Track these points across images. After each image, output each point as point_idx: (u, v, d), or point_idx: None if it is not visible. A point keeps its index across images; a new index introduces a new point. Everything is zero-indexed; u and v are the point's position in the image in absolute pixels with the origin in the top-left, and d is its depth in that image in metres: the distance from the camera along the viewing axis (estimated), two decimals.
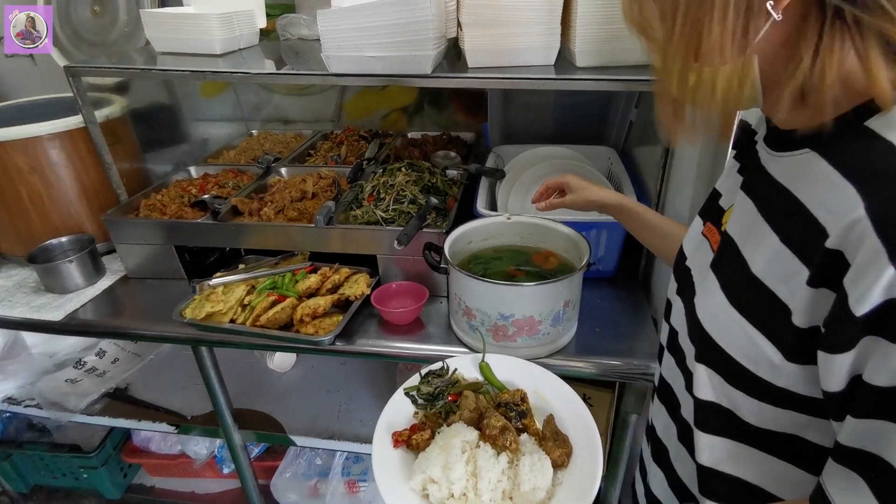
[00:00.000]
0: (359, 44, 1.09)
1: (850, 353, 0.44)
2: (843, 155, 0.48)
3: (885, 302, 0.41)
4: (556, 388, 0.87)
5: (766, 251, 0.53)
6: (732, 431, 0.59)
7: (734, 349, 0.55)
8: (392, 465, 0.76)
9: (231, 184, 1.52)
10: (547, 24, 1.13)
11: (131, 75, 1.23)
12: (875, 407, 0.44)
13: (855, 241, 0.43)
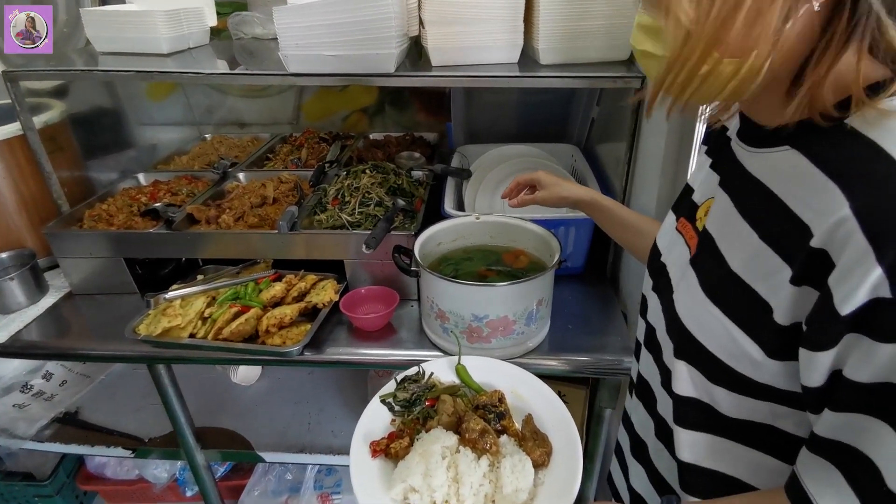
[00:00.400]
0: (318, 42, 1.05)
1: (833, 351, 0.45)
2: (825, 153, 0.48)
3: (870, 301, 0.41)
4: (532, 386, 0.86)
5: (744, 248, 0.53)
6: (711, 426, 0.59)
7: (714, 345, 0.55)
8: (371, 475, 0.74)
9: (185, 191, 1.44)
10: (510, 21, 1.12)
11: (74, 77, 1.14)
12: (856, 402, 0.45)
13: (841, 240, 0.43)
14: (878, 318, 0.41)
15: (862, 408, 0.44)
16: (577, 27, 1.09)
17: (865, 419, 0.44)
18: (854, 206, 0.42)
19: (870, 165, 0.43)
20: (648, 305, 0.72)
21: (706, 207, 0.63)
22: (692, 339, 0.58)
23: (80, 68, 1.23)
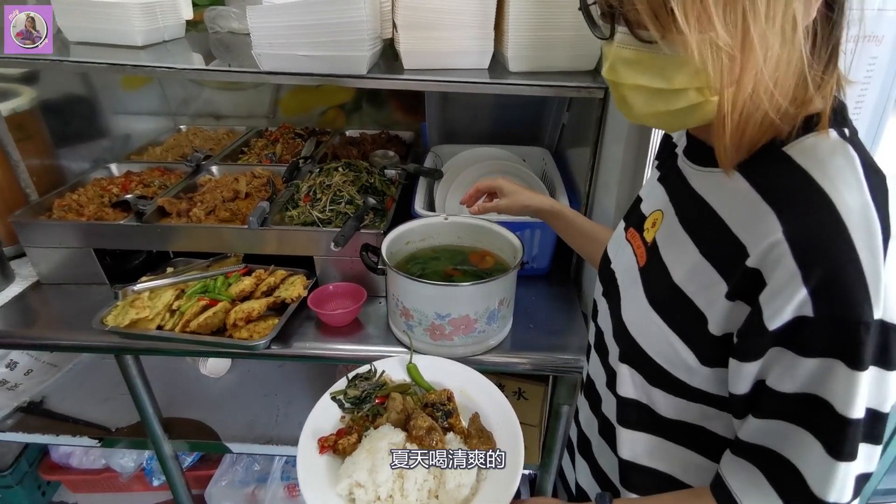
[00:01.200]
0: (291, 42, 1.07)
1: (759, 362, 0.49)
2: (763, 178, 0.51)
3: (795, 318, 0.45)
4: (481, 386, 0.89)
5: (687, 262, 0.57)
6: (650, 426, 0.63)
7: (654, 351, 0.59)
8: (318, 471, 0.75)
9: (157, 183, 1.44)
10: (481, 28, 1.15)
11: (41, 66, 1.14)
12: (778, 410, 0.49)
13: (773, 262, 0.46)
14: (801, 335, 0.45)
15: (785, 416, 0.48)
16: (545, 37, 1.13)
17: (788, 426, 0.48)
18: (786, 231, 0.46)
19: (802, 194, 0.47)
20: (598, 310, 0.76)
21: (653, 219, 0.66)
22: (635, 344, 0.61)
23: (50, 57, 1.22)
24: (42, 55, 1.12)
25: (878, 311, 0.44)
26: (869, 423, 0.47)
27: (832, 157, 0.48)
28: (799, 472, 0.48)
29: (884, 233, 0.44)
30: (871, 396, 0.46)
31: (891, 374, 0.46)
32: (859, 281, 0.43)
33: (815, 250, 0.45)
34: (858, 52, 0.87)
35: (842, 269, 0.44)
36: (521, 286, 1.32)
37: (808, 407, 0.47)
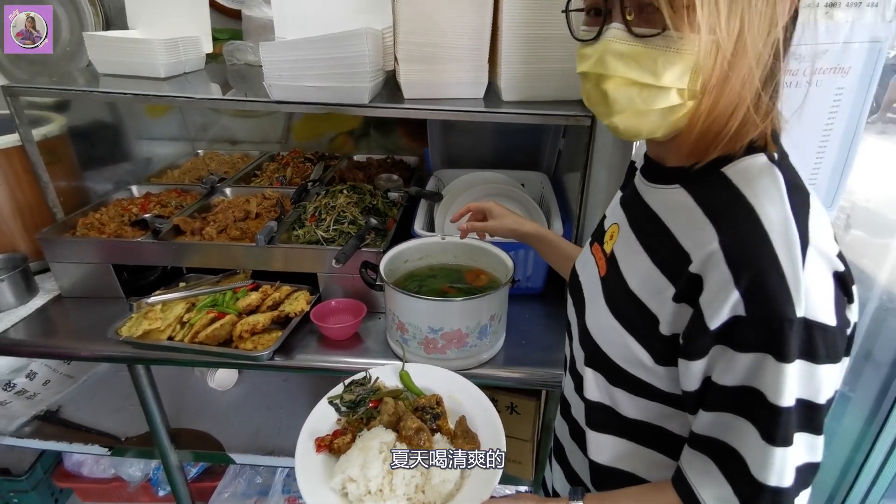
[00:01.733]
0: (299, 74, 1.16)
1: (704, 360, 0.54)
2: (705, 195, 0.57)
3: (731, 318, 0.51)
4: (468, 392, 0.94)
5: (641, 270, 0.62)
6: (616, 428, 0.68)
7: (614, 353, 0.64)
8: (314, 468, 0.81)
9: (174, 203, 1.53)
10: (476, 61, 1.23)
11: (72, 96, 1.24)
12: (722, 403, 0.54)
13: (710, 268, 0.52)
14: (737, 333, 0.51)
15: (728, 408, 0.54)
16: (536, 69, 1.21)
17: (731, 417, 0.53)
18: (721, 240, 0.52)
19: (734, 209, 0.53)
20: (570, 321, 0.81)
21: (611, 232, 0.72)
22: (597, 348, 0.67)
23: (81, 88, 1.33)
24: (69, 87, 1.23)
25: (801, 309, 0.49)
26: (803, 413, 0.51)
27: (760, 177, 0.54)
28: (743, 458, 0.53)
29: (802, 241, 0.50)
30: (801, 387, 0.50)
31: (819, 367, 0.50)
32: (781, 283, 0.49)
33: (744, 257, 0.50)
34: (826, 83, 0.93)
35: (766, 273, 0.49)
36: (516, 305, 1.37)
37: (745, 398, 0.52)
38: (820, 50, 0.89)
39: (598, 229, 0.79)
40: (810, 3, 0.85)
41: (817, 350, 0.50)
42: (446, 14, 1.16)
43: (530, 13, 1.14)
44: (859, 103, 0.92)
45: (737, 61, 0.50)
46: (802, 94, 0.84)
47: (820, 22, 0.86)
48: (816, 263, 0.50)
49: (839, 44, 0.89)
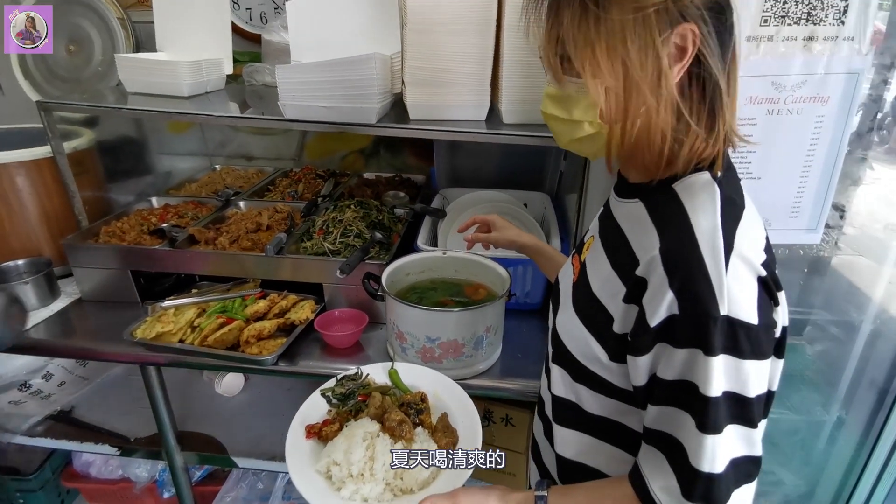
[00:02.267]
0: (311, 95, 1.23)
1: (648, 356, 0.59)
2: (655, 207, 0.64)
3: (668, 316, 0.57)
4: (452, 391, 1.00)
5: (602, 274, 0.68)
6: (580, 423, 0.73)
7: (576, 351, 0.70)
8: (302, 452, 0.87)
9: (190, 214, 1.61)
10: (478, 85, 1.30)
11: (101, 113, 1.33)
12: (665, 396, 0.59)
13: (651, 271, 0.58)
14: (673, 330, 0.56)
15: (670, 401, 0.58)
16: (535, 94, 1.27)
17: (673, 410, 0.58)
18: (660, 246, 0.58)
19: (674, 218, 0.60)
20: (549, 325, 0.86)
21: (588, 244, 0.79)
22: (562, 346, 0.72)
23: (110, 105, 1.42)
24: (99, 104, 1.32)
25: (724, 308, 0.54)
26: (732, 405, 0.56)
27: (701, 192, 0.61)
28: (684, 448, 0.58)
29: (726, 248, 0.56)
30: (727, 380, 0.55)
31: (744, 362, 0.55)
32: (707, 285, 0.55)
33: (677, 261, 0.57)
34: (806, 111, 0.98)
35: (694, 275, 0.55)
36: (515, 319, 1.41)
37: (682, 391, 0.57)
38: (799, 80, 0.94)
39: (580, 241, 0.85)
40: (788, 37, 0.91)
41: (740, 345, 0.55)
42: (451, 41, 1.23)
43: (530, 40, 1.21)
44: (839, 130, 0.97)
45: (631, 98, 0.59)
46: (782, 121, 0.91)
47: (798, 54, 0.92)
48: (739, 268, 0.56)
49: (819, 74, 0.95)
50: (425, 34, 1.22)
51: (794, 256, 1.22)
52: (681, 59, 0.57)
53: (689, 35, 0.56)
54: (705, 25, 0.56)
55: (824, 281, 1.32)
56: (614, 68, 0.58)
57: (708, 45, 0.57)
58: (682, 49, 0.57)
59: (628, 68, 0.57)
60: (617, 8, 0.55)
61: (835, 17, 0.90)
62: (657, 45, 0.56)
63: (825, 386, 1.40)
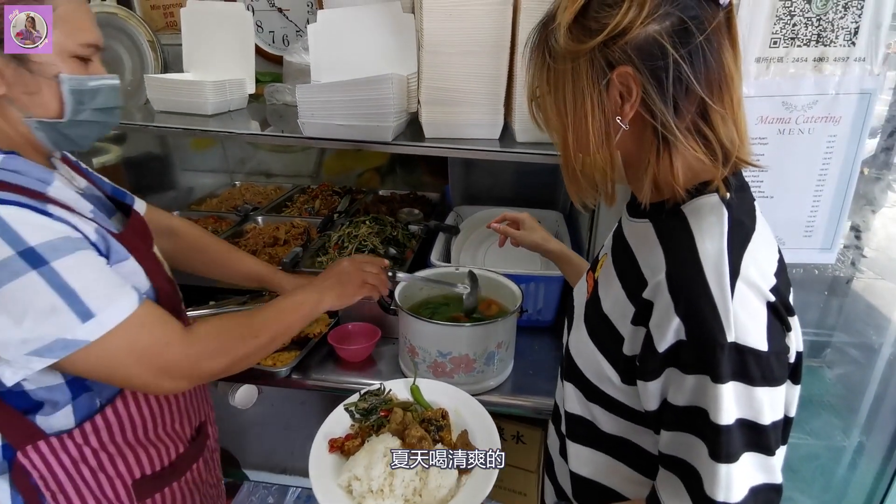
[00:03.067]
0: (330, 113, 1.27)
1: (658, 381, 0.59)
2: (664, 229, 0.64)
3: (676, 342, 0.56)
4: (472, 408, 1.00)
5: (612, 293, 0.68)
6: (594, 441, 0.72)
7: (588, 370, 0.70)
8: (325, 466, 0.88)
9: (210, 229, 1.65)
10: (492, 105, 1.33)
11: (128, 130, 1.39)
12: (677, 421, 0.58)
13: (658, 294, 0.58)
14: (681, 355, 0.56)
15: (682, 426, 0.58)
16: None
17: (686, 436, 0.57)
18: (667, 270, 0.58)
19: (680, 242, 0.60)
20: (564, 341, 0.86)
21: (602, 262, 0.79)
22: (574, 364, 0.72)
23: (137, 123, 1.48)
24: (126, 122, 1.38)
25: (731, 335, 0.53)
26: (746, 432, 0.55)
27: (709, 214, 0.61)
28: (699, 474, 0.56)
29: (732, 273, 0.55)
30: (739, 408, 0.54)
31: (756, 389, 0.54)
32: (712, 310, 0.54)
33: (681, 285, 0.56)
34: (818, 131, 0.98)
35: (699, 300, 0.55)
36: (527, 336, 1.41)
37: (694, 417, 0.56)
38: (811, 100, 0.94)
39: (594, 259, 0.86)
40: (798, 58, 0.93)
41: (750, 372, 0.54)
42: (465, 62, 1.26)
43: None
44: (852, 150, 0.97)
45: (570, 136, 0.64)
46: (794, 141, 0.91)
47: (808, 75, 0.93)
48: (746, 293, 0.55)
49: (830, 95, 0.95)
50: (441, 55, 1.26)
51: (810, 277, 1.21)
52: (629, 98, 0.59)
53: (627, 76, 0.58)
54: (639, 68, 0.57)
55: (844, 303, 1.30)
56: (558, 112, 0.64)
57: (647, 86, 0.58)
58: (628, 88, 0.59)
59: (566, 113, 0.62)
60: (560, 59, 0.61)
61: (845, 39, 0.91)
62: (592, 90, 0.60)
63: (845, 411, 1.37)
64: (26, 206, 0.70)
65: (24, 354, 0.68)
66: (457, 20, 1.22)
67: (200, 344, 0.81)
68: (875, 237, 1.24)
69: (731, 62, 0.59)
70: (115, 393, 0.86)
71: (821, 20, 0.90)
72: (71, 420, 0.81)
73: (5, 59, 0.72)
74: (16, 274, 0.66)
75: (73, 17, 0.76)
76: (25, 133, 0.77)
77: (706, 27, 0.56)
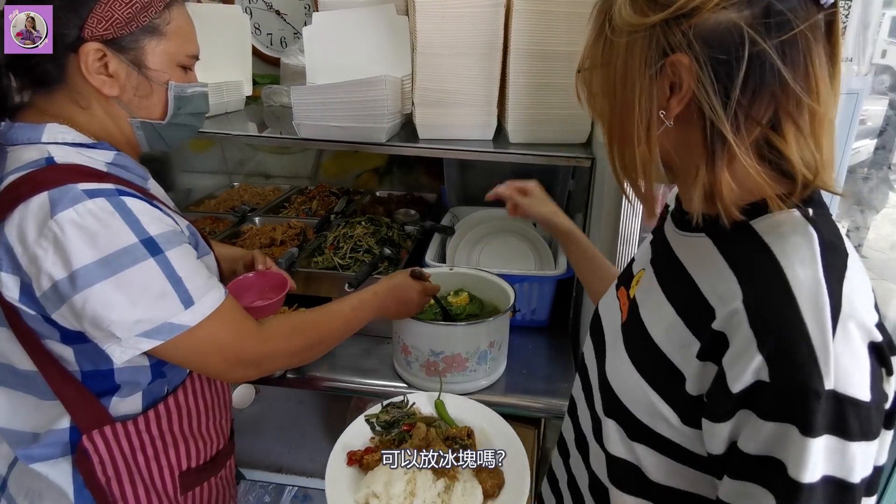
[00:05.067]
0: (325, 115, 1.28)
1: (729, 423, 0.50)
2: (731, 248, 0.54)
3: (755, 382, 0.47)
4: (498, 427, 0.96)
5: (664, 321, 0.59)
6: (641, 489, 0.63)
7: (636, 408, 0.60)
8: (343, 479, 0.84)
9: (207, 229, 1.67)
10: (485, 106, 1.34)
11: None
12: (746, 470, 0.50)
13: (734, 327, 0.49)
14: (760, 398, 0.47)
15: (751, 476, 0.50)
16: (540, 114, 1.30)
17: (754, 487, 0.49)
18: (745, 298, 0.49)
19: (760, 266, 0.50)
20: (586, 363, 0.78)
21: (638, 278, 0.70)
22: (616, 398, 0.63)
23: None
24: None
25: (829, 382, 0.45)
26: (832, 492, 0.47)
27: (792, 234, 0.51)
28: None
29: (833, 308, 0.46)
30: (828, 464, 0.46)
31: (851, 444, 0.46)
32: (808, 351, 0.45)
33: (768, 319, 0.48)
34: None
35: (791, 339, 0.46)
36: (521, 336, 1.42)
37: (767, 468, 0.48)
38: None
39: (625, 273, 0.77)
40: None
41: (849, 426, 0.46)
42: (458, 64, 1.27)
43: (534, 63, 1.24)
44: (839, 150, 0.97)
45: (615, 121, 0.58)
46: None
47: None
48: (849, 332, 0.46)
49: None
50: (434, 57, 1.27)
51: None
52: (679, 92, 0.52)
53: (681, 67, 0.51)
54: (700, 60, 0.50)
55: None
56: (605, 90, 0.57)
57: (702, 82, 0.50)
58: (679, 82, 0.51)
59: (614, 93, 0.56)
60: (619, 31, 0.54)
61: None
62: (641, 74, 0.53)
63: None
64: (143, 199, 0.76)
65: (136, 335, 0.72)
66: (450, 22, 1.23)
67: (271, 343, 0.86)
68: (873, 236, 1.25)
69: (824, 76, 0.50)
70: (180, 383, 0.89)
71: None
72: (139, 406, 0.84)
73: (122, 63, 0.77)
74: (136, 260, 0.71)
75: (183, 31, 0.83)
76: (128, 132, 0.83)
77: (798, 25, 0.48)
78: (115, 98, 0.79)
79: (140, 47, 0.78)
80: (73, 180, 0.70)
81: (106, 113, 0.80)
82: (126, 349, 0.72)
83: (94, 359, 0.78)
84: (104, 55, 0.75)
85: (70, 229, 0.68)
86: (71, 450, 0.81)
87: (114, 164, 0.79)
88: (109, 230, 0.70)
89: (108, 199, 0.71)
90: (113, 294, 0.70)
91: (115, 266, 0.70)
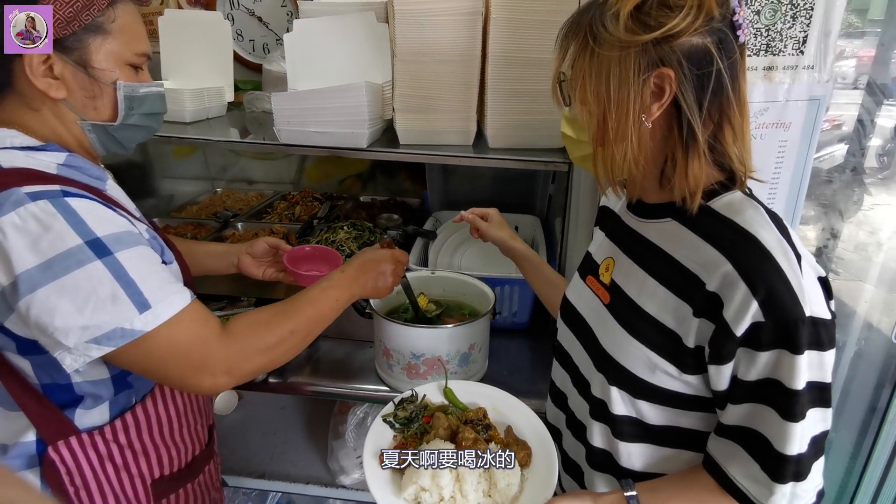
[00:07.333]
0: (305, 120, 1.29)
1: (732, 363, 0.65)
2: (700, 226, 0.69)
3: (752, 324, 0.62)
4: (509, 403, 0.98)
5: (656, 296, 0.72)
6: (642, 436, 0.77)
7: (638, 370, 0.73)
8: (385, 482, 0.83)
9: (189, 235, 1.66)
10: (465, 112, 1.36)
11: None
12: (747, 395, 0.65)
13: (728, 286, 0.63)
14: (757, 336, 0.62)
15: (752, 398, 0.65)
16: (519, 119, 1.33)
17: (755, 406, 0.64)
18: (734, 263, 0.63)
19: (735, 237, 0.65)
20: (568, 352, 0.89)
21: (605, 265, 0.82)
22: (620, 367, 0.75)
23: None
24: None
25: (808, 310, 0.60)
26: (815, 392, 0.63)
27: (746, 209, 0.67)
28: (765, 437, 0.64)
29: (796, 255, 0.63)
30: (811, 372, 0.62)
31: (825, 353, 0.62)
32: (790, 291, 0.61)
33: (757, 274, 0.62)
34: (770, 136, 1.03)
35: (776, 285, 0.61)
36: (503, 338, 1.44)
37: (766, 388, 0.63)
38: (762, 107, 0.98)
39: (586, 264, 0.89)
40: (749, 67, 0.97)
41: (822, 340, 0.62)
42: (438, 71, 1.29)
43: (513, 70, 1.27)
44: (803, 154, 1.01)
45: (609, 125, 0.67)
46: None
47: (759, 83, 0.97)
48: (808, 271, 0.63)
49: (781, 101, 0.99)
50: (413, 64, 1.29)
51: None
52: (659, 98, 0.65)
53: (667, 78, 0.63)
54: (683, 72, 0.63)
55: None
56: (598, 97, 0.67)
57: (684, 90, 0.64)
58: (661, 89, 0.65)
59: (608, 99, 0.66)
60: (608, 45, 0.65)
61: (794, 48, 0.96)
62: (635, 81, 0.64)
63: None
64: (93, 200, 0.73)
65: (84, 342, 0.69)
66: (429, 30, 1.26)
67: (238, 342, 0.81)
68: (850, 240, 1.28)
69: (745, 90, 0.67)
70: (147, 391, 0.87)
71: (769, 30, 0.94)
72: (106, 416, 0.83)
73: (67, 64, 0.75)
74: (81, 262, 0.68)
75: (130, 28, 0.80)
76: (78, 135, 0.81)
77: (735, 51, 0.65)
78: (62, 101, 0.77)
79: (84, 47, 0.75)
80: (17, 184, 0.68)
81: (55, 116, 0.78)
82: (76, 356, 0.70)
83: (51, 372, 0.76)
84: (48, 57, 0.73)
85: (12, 233, 0.66)
86: (38, 461, 0.80)
87: (66, 166, 0.77)
88: (51, 233, 0.67)
89: (50, 200, 0.68)
90: (56, 299, 0.67)
91: (56, 270, 0.67)
